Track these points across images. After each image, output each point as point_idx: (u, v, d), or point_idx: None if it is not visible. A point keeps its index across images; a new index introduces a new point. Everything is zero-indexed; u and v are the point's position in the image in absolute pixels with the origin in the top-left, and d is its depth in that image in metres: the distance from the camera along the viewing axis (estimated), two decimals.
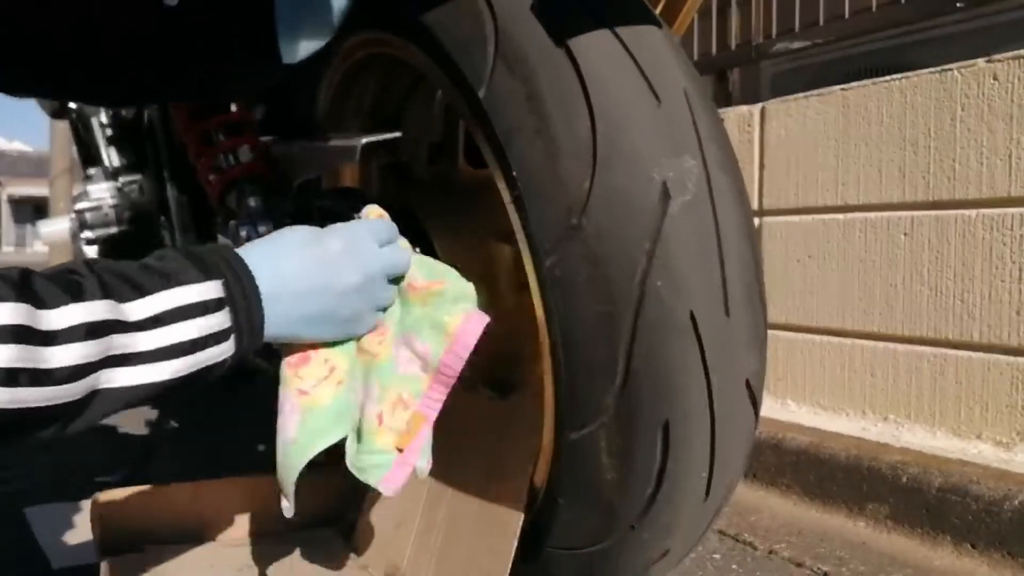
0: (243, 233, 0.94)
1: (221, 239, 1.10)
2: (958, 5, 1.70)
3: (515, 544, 0.77)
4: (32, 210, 27.54)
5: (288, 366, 0.67)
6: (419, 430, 0.69)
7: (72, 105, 1.72)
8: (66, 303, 0.51)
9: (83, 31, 0.79)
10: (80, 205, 1.53)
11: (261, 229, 0.93)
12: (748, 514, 1.41)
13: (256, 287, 0.60)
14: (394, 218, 0.82)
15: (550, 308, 0.67)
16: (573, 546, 0.74)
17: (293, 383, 0.66)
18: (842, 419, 1.67)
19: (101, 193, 1.54)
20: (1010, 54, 1.40)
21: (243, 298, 0.59)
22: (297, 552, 0.98)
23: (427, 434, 0.69)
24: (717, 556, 1.23)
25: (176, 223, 1.32)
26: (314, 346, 0.67)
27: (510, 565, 0.77)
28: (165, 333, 0.55)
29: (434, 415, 0.70)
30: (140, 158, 1.50)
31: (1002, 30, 1.84)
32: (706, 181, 0.64)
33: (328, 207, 0.91)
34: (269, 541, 1.00)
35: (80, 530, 1.22)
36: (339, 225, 0.68)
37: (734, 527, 1.34)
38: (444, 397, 0.70)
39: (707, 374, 0.64)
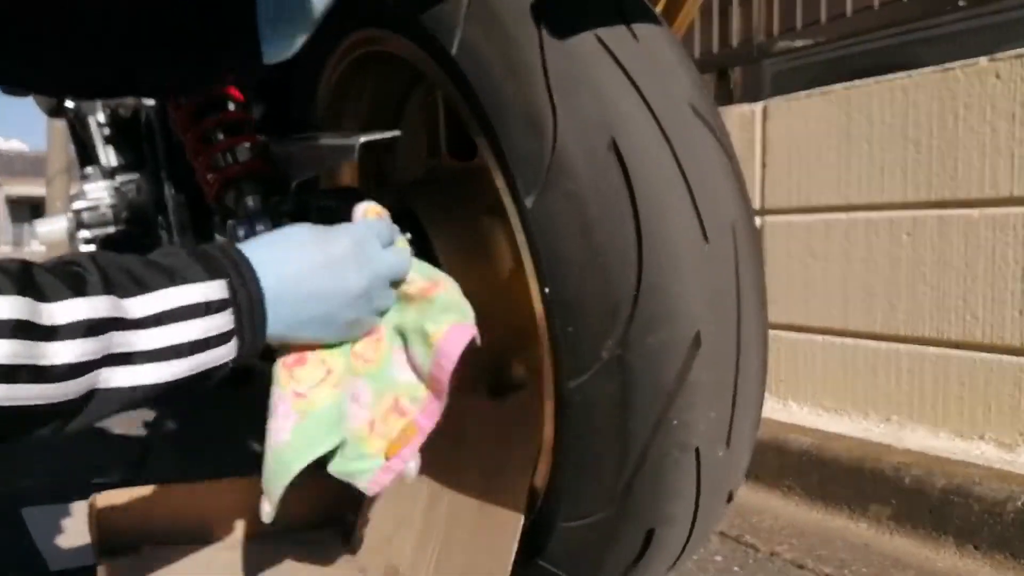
0: (241, 232, 0.93)
1: (219, 239, 1.09)
2: (960, 4, 1.70)
3: (515, 545, 0.77)
4: (29, 209, 27.53)
5: (284, 366, 0.65)
6: (411, 440, 0.68)
7: (69, 104, 1.71)
8: (68, 297, 0.49)
9: (66, 17, 0.77)
10: (77, 204, 1.52)
11: (259, 228, 0.92)
12: (750, 515, 1.40)
13: (260, 288, 0.59)
14: (394, 217, 0.82)
15: (564, 428, 0.70)
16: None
17: (288, 384, 0.64)
18: (844, 420, 1.66)
19: (98, 192, 1.54)
20: (1012, 53, 1.39)
21: (247, 299, 0.58)
22: (296, 553, 0.97)
23: (418, 443, 0.68)
24: (719, 558, 1.22)
25: (174, 222, 1.32)
26: (311, 346, 0.65)
27: (510, 566, 0.77)
28: (166, 332, 0.54)
29: (430, 427, 0.69)
30: (137, 157, 1.49)
31: (1005, 29, 1.83)
32: (736, 331, 0.65)
33: (327, 206, 0.90)
34: (268, 542, 1.00)
35: (78, 531, 1.22)
36: (343, 226, 0.66)
37: (736, 529, 1.33)
38: (440, 408, 0.69)
39: (698, 492, 0.69)
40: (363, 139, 0.83)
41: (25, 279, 0.48)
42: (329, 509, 1.04)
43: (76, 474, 1.51)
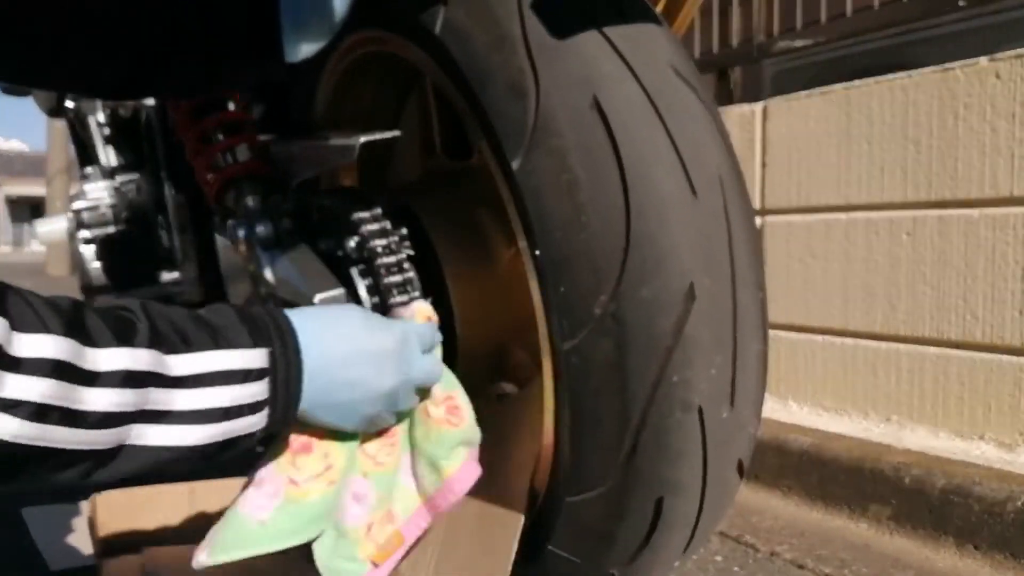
0: (241, 232, 0.93)
1: (219, 239, 1.09)
2: (960, 4, 1.70)
3: (515, 545, 0.77)
4: (29, 209, 27.54)
5: (288, 450, 0.63)
6: (395, 550, 0.68)
7: (70, 104, 1.71)
8: (114, 345, 0.49)
9: (74, 17, 0.77)
10: (77, 204, 1.52)
11: (259, 228, 0.92)
12: (750, 516, 1.40)
13: (301, 364, 0.58)
14: (395, 217, 0.82)
15: (563, 394, 0.69)
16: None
17: (287, 469, 0.63)
18: (844, 420, 1.66)
19: (98, 192, 1.54)
20: (1012, 53, 1.39)
21: (285, 372, 0.57)
22: (296, 553, 0.97)
23: (400, 553, 0.69)
24: (719, 558, 1.23)
25: (174, 222, 1.32)
26: (318, 433, 0.64)
27: (510, 566, 0.77)
28: (203, 395, 0.53)
29: (412, 540, 0.70)
30: (138, 157, 1.49)
31: (1004, 29, 1.83)
32: (731, 283, 0.65)
33: (327, 207, 0.90)
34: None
35: (78, 531, 1.22)
36: (395, 322, 0.66)
37: (736, 529, 1.33)
38: (427, 525, 0.70)
39: (705, 456, 0.67)
40: (363, 139, 0.83)
41: (74, 320, 0.48)
42: None
43: None
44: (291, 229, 0.94)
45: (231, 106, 1.02)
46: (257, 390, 0.56)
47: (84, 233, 1.50)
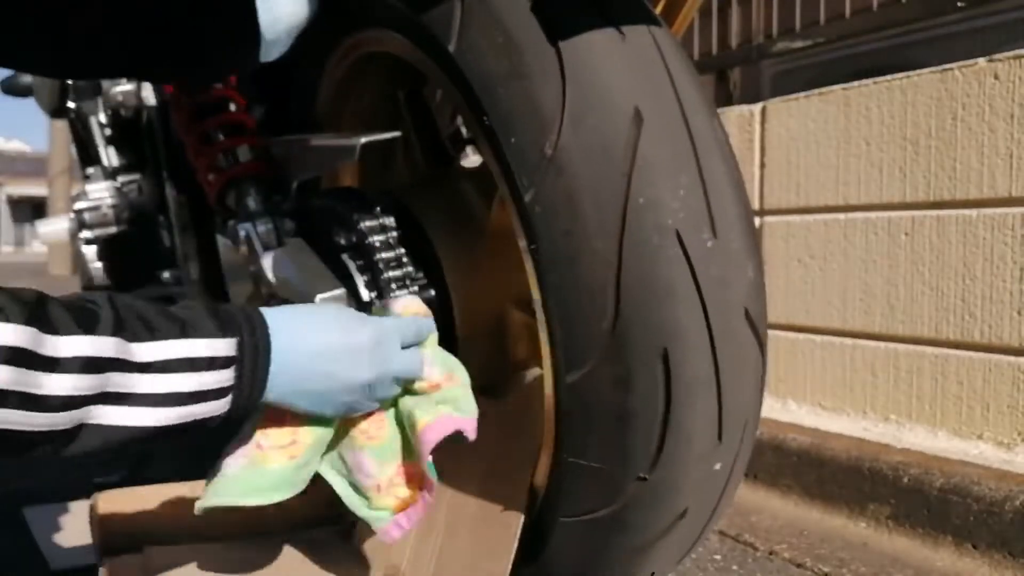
0: (242, 233, 0.94)
1: (220, 239, 1.10)
2: (959, 4, 1.70)
3: (515, 544, 0.77)
4: (31, 209, 27.54)
5: (263, 418, 0.68)
6: (409, 505, 0.73)
7: (71, 104, 1.71)
8: (75, 333, 0.51)
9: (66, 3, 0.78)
10: (79, 205, 1.53)
11: (260, 229, 0.93)
12: (749, 515, 1.40)
13: (268, 355, 0.61)
14: (396, 218, 0.82)
15: (534, 243, 0.67)
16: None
17: (257, 435, 0.68)
18: (843, 419, 1.66)
19: (100, 193, 1.54)
20: (1011, 53, 1.40)
21: (252, 361, 0.60)
22: (297, 552, 0.98)
23: (420, 508, 0.73)
24: (718, 557, 1.23)
25: (175, 222, 1.32)
26: (294, 415, 0.68)
27: (510, 566, 0.77)
28: (166, 380, 0.56)
29: (428, 498, 0.73)
30: (139, 157, 1.50)
31: (1003, 29, 1.83)
32: (678, 105, 0.64)
33: (327, 207, 0.90)
34: (269, 542, 1.00)
35: (79, 531, 1.22)
36: (374, 319, 0.69)
37: (735, 528, 1.34)
38: (432, 485, 0.72)
39: (700, 294, 0.63)
40: (363, 140, 0.83)
41: (37, 310, 0.50)
42: (330, 508, 1.04)
43: (77, 474, 1.51)
44: (292, 229, 0.94)
45: (232, 107, 1.02)
46: (223, 377, 0.58)
47: (86, 233, 1.50)
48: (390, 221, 0.85)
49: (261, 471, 0.68)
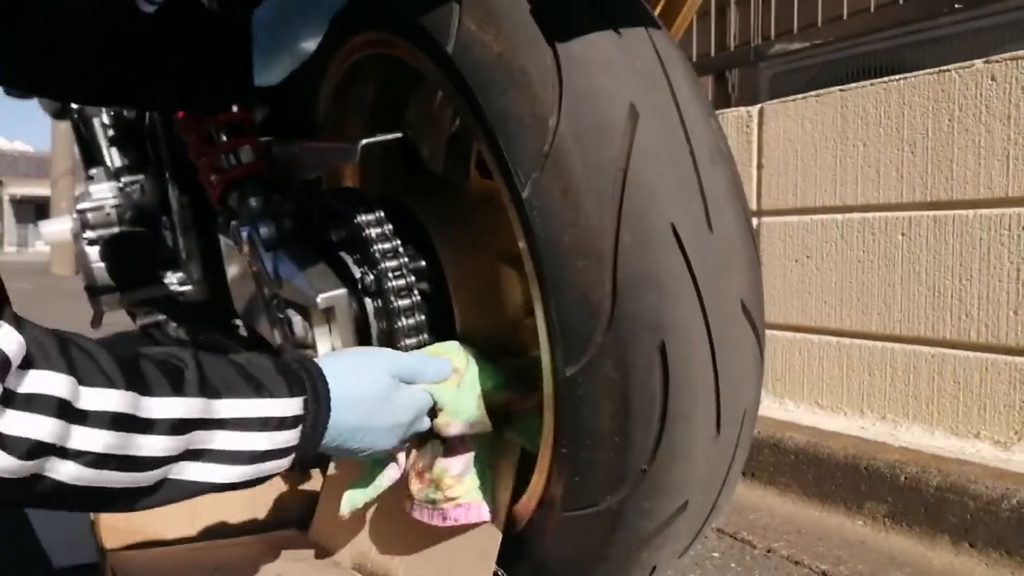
0: (244, 233, 0.94)
1: (222, 239, 1.10)
2: (956, 6, 1.71)
3: (495, 553, 0.77)
4: (34, 210, 27.57)
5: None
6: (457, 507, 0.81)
7: (74, 105, 1.72)
8: (168, 394, 0.53)
9: (59, 27, 0.80)
10: (82, 205, 1.54)
11: (262, 229, 0.93)
12: (747, 513, 1.41)
13: (328, 414, 0.64)
14: (397, 219, 0.83)
15: (532, 239, 0.68)
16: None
17: None
18: (840, 418, 1.67)
19: (103, 193, 1.55)
20: (1008, 55, 1.40)
21: (313, 420, 0.63)
22: (298, 552, 0.98)
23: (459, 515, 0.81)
24: (716, 554, 1.24)
25: (177, 223, 1.33)
26: None
27: (493, 564, 0.77)
28: (241, 438, 0.58)
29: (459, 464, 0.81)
30: (142, 158, 1.50)
31: (1000, 31, 1.84)
32: (674, 101, 0.65)
33: (329, 207, 0.91)
34: (270, 541, 1.01)
35: (81, 529, 1.23)
36: (416, 359, 0.76)
37: (732, 526, 1.34)
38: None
39: (696, 285, 0.63)
40: (364, 141, 0.84)
41: (134, 371, 0.52)
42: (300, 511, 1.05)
43: None
44: (294, 230, 0.95)
45: (234, 108, 1.03)
46: (290, 436, 0.61)
47: (89, 234, 1.51)
48: (391, 222, 0.86)
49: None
